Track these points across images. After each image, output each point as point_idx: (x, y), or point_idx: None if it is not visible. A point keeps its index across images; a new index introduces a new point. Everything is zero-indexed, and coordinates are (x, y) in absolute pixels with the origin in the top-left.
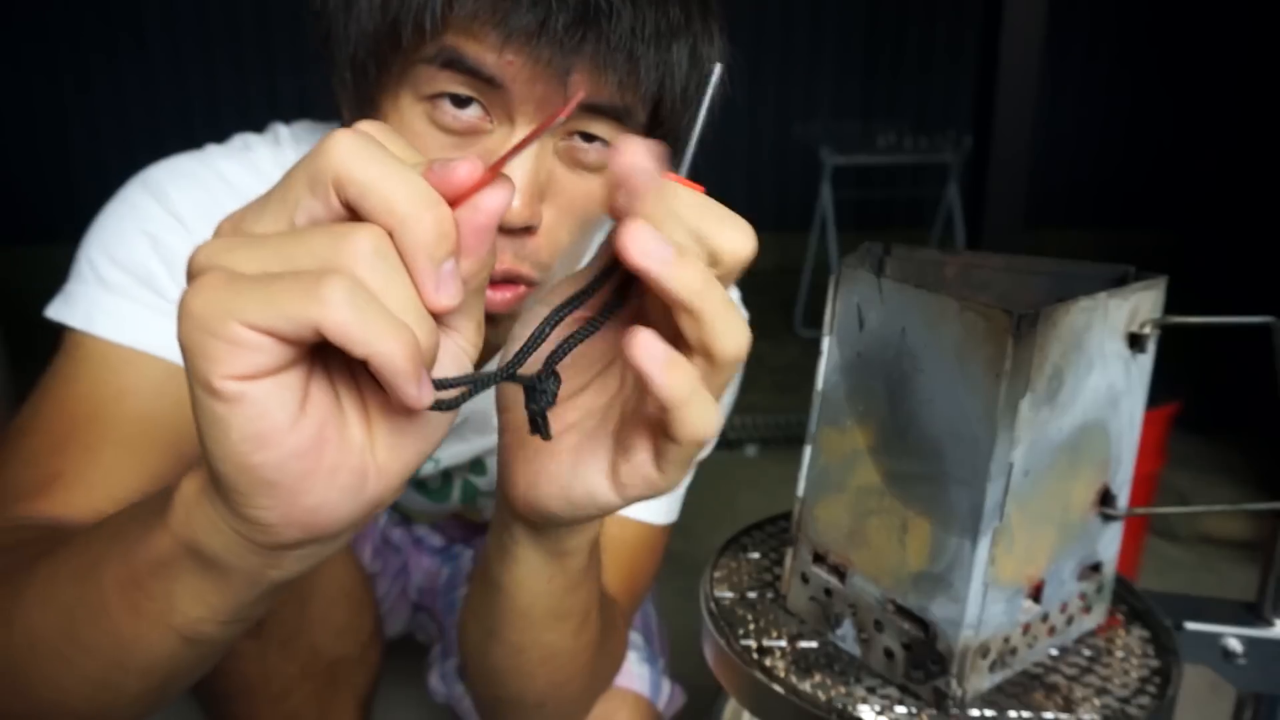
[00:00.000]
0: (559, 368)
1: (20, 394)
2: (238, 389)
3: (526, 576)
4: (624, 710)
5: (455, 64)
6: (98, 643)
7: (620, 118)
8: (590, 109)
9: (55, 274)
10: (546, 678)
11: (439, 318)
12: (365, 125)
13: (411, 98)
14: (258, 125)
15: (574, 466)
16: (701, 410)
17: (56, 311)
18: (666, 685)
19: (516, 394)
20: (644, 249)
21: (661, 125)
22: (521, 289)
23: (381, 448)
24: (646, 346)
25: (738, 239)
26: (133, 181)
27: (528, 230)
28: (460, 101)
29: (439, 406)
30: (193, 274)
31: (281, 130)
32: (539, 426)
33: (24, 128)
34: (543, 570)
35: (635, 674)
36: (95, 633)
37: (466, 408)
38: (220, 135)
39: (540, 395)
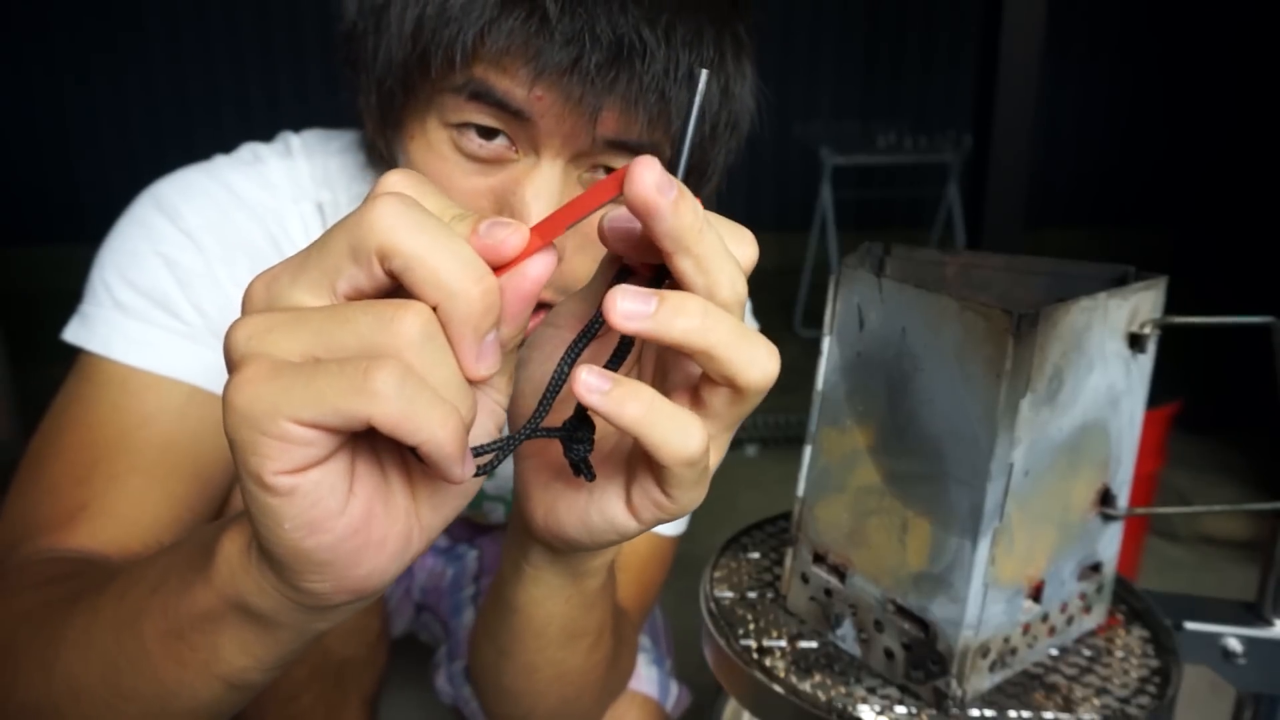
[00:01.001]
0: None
1: (21, 394)
2: (290, 483)
3: (544, 597)
4: (633, 712)
5: (483, 96)
6: (141, 691)
7: (646, 153)
8: (616, 145)
9: (55, 274)
10: (558, 694)
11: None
12: (402, 181)
13: (437, 123)
14: (258, 123)
15: (592, 493)
16: (670, 431)
17: (74, 335)
18: (674, 686)
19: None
20: (626, 312)
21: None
22: (542, 314)
23: (425, 509)
24: (583, 382)
25: (742, 251)
26: (143, 198)
27: None
28: (487, 131)
29: (478, 472)
30: (232, 358)
31: (292, 140)
32: (581, 470)
33: (24, 128)
34: (560, 591)
35: (644, 675)
36: (139, 681)
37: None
38: (220, 134)
39: (577, 445)
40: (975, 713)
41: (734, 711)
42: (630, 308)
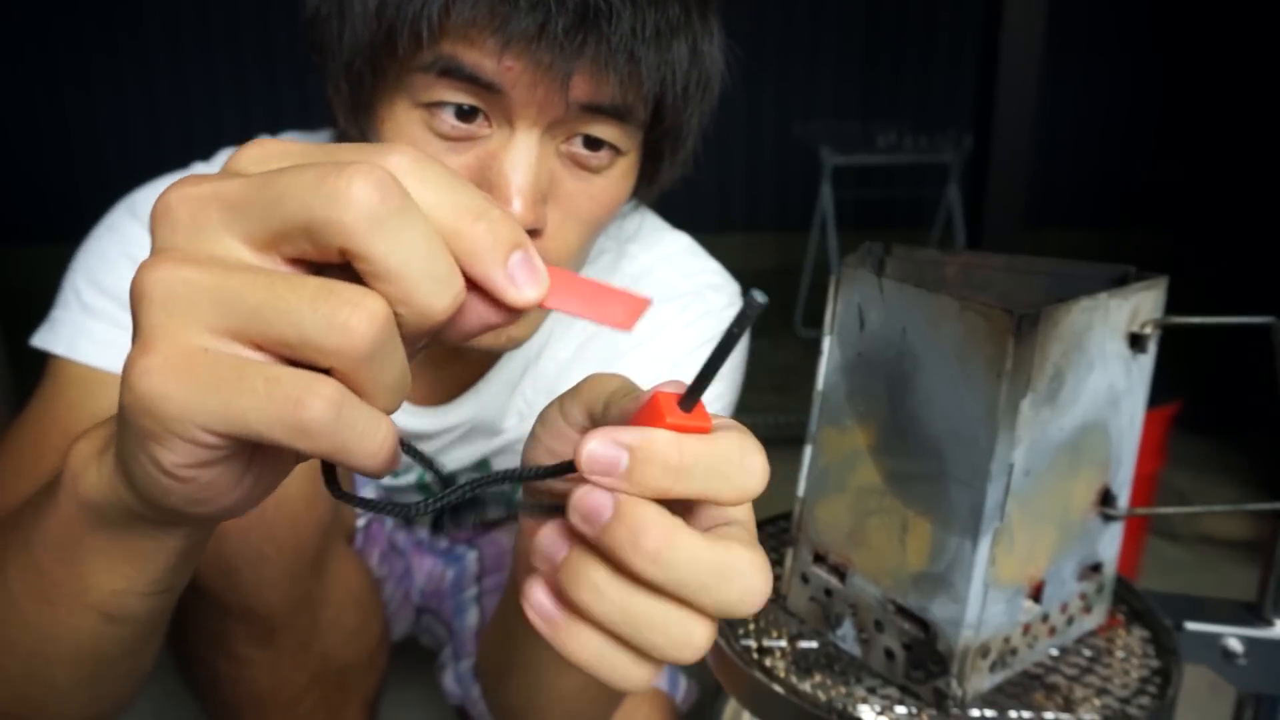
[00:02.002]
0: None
1: (20, 394)
2: (189, 475)
3: None
4: (645, 706)
5: (453, 72)
6: (15, 641)
7: (621, 117)
8: (591, 109)
9: (55, 274)
10: (560, 711)
11: None
12: (403, 161)
13: (408, 104)
14: (258, 123)
15: None
16: (614, 672)
17: (42, 340)
18: (682, 680)
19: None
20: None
21: (662, 122)
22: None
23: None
24: (534, 604)
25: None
26: (117, 206)
27: (533, 233)
28: (459, 111)
29: (420, 512)
30: (142, 322)
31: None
32: (440, 529)
33: (24, 128)
34: None
35: None
36: (10, 630)
37: (471, 413)
38: (220, 134)
39: (458, 513)
40: (975, 713)
41: (734, 711)
42: (589, 517)
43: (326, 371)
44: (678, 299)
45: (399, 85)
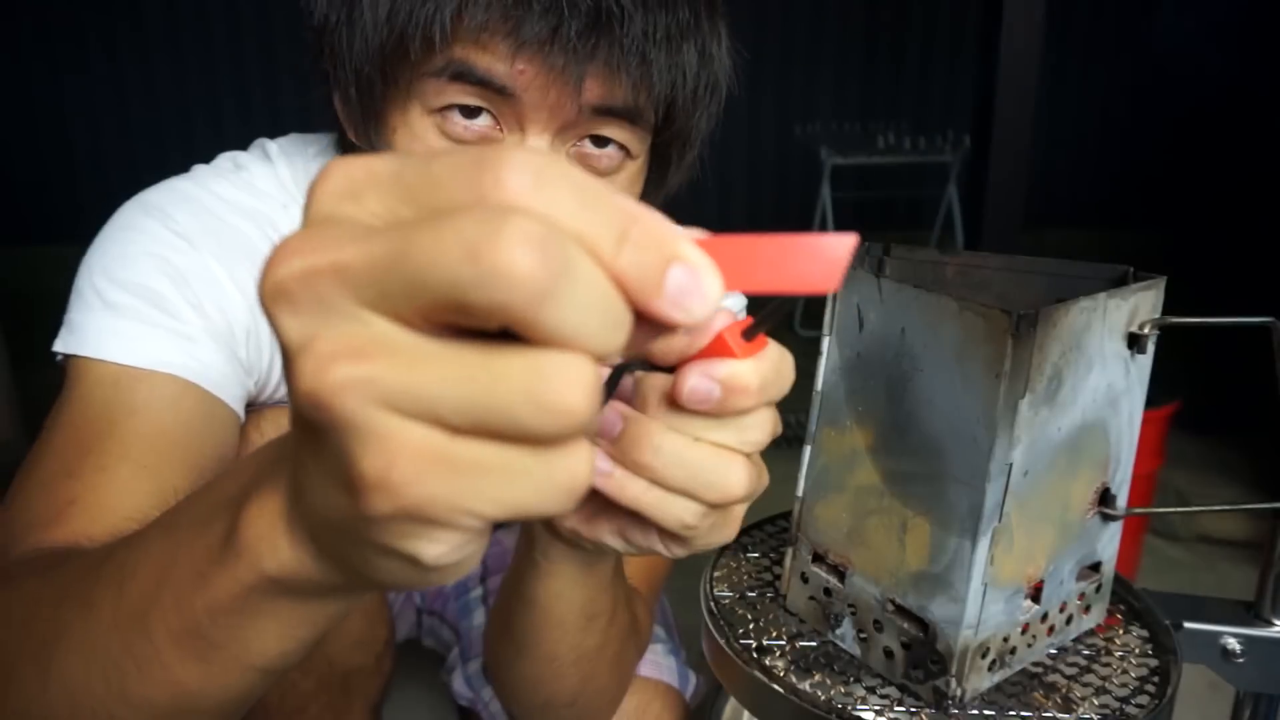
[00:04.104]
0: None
1: (21, 394)
2: (453, 560)
3: (563, 588)
4: (657, 702)
5: (465, 76)
6: (154, 696)
7: (632, 119)
8: (602, 111)
9: (55, 274)
10: (578, 675)
11: None
12: (522, 182)
13: (421, 111)
14: (258, 123)
15: (631, 515)
16: (663, 512)
17: (64, 344)
18: (691, 676)
19: None
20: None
21: (671, 125)
22: None
23: None
24: (595, 467)
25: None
26: (128, 206)
27: None
28: (470, 111)
29: None
30: (333, 396)
31: (270, 146)
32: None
33: (24, 128)
34: (578, 578)
35: (664, 666)
36: (151, 687)
37: None
38: (220, 133)
39: None
40: (974, 712)
41: (734, 711)
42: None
43: None
44: None
45: (410, 92)
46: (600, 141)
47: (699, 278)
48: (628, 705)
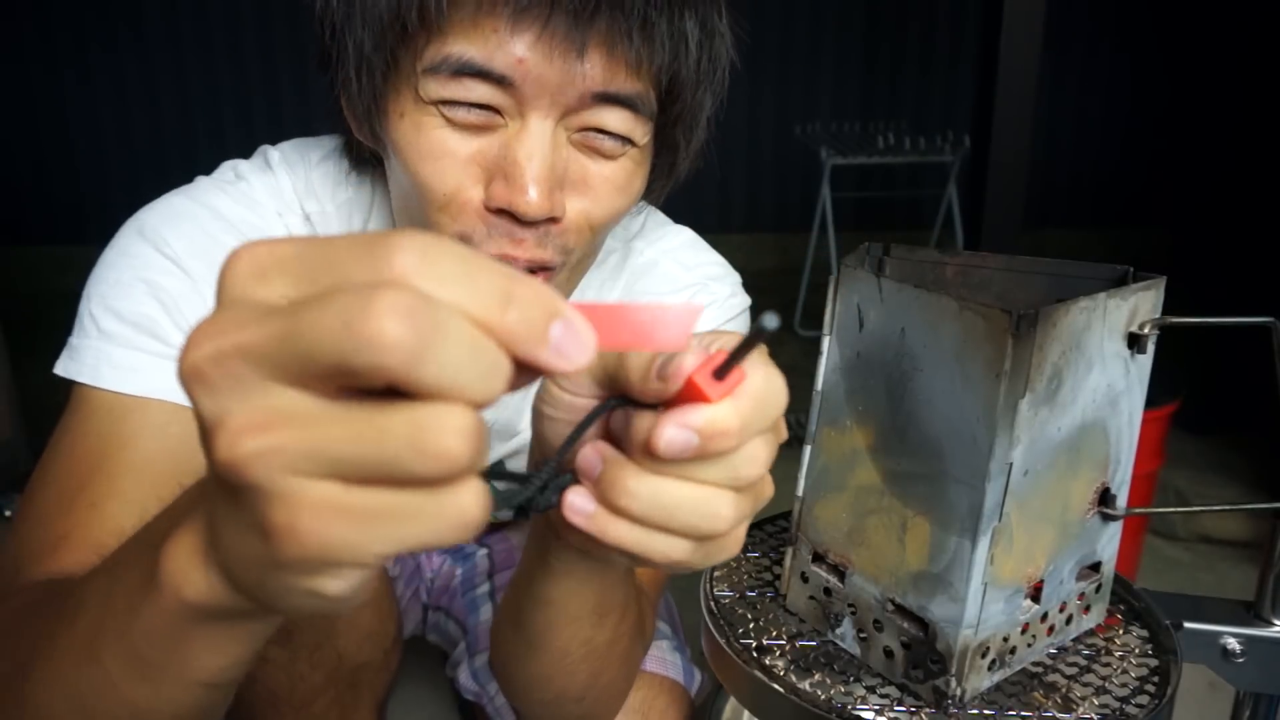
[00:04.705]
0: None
1: (21, 394)
2: (351, 594)
3: (577, 585)
4: (662, 697)
5: (464, 70)
6: (113, 713)
7: (634, 106)
8: (603, 98)
9: (56, 274)
10: (588, 671)
11: None
12: (409, 261)
13: (422, 103)
14: (259, 124)
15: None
16: (652, 550)
17: (64, 368)
18: (696, 672)
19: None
20: (573, 507)
21: (676, 102)
22: (545, 274)
23: None
24: (569, 504)
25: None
26: (127, 228)
27: (551, 220)
28: (474, 103)
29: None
30: (245, 465)
31: (271, 154)
32: (524, 513)
33: (25, 127)
34: (589, 578)
35: (669, 662)
36: (110, 705)
37: (490, 416)
38: (221, 134)
39: (538, 498)
40: (974, 712)
41: (734, 710)
42: (578, 506)
43: None
44: (682, 291)
45: (411, 84)
46: (602, 132)
47: (577, 331)
48: (633, 700)
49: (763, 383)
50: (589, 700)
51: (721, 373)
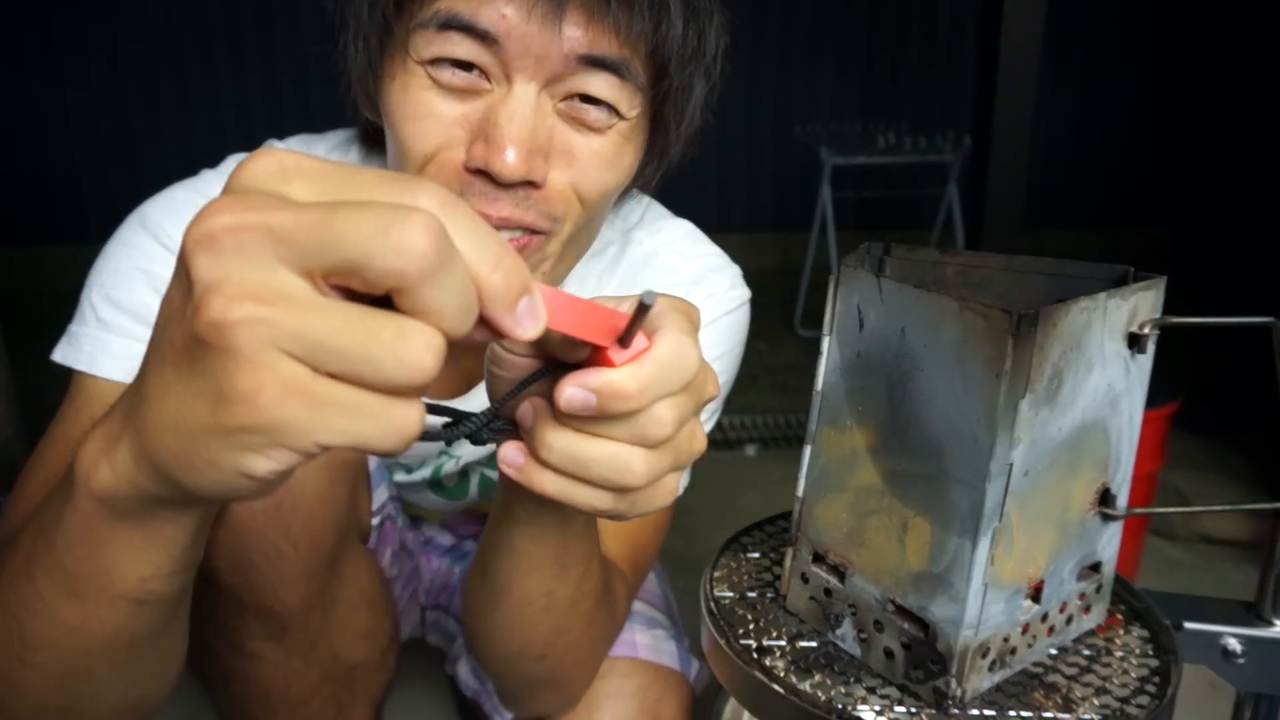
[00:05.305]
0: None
1: (21, 394)
2: (275, 479)
3: (540, 532)
4: (657, 685)
5: (451, 23)
6: (46, 635)
7: (619, 71)
8: (587, 60)
9: (55, 274)
10: (548, 627)
11: None
12: (432, 200)
13: (413, 63)
14: (258, 124)
15: None
16: (579, 498)
17: (62, 354)
18: (694, 661)
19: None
20: (506, 459)
21: (663, 79)
22: (530, 238)
23: None
24: (502, 455)
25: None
26: (130, 220)
27: (530, 184)
28: (461, 65)
29: (423, 437)
30: (247, 340)
31: (277, 147)
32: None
33: (25, 127)
34: (552, 526)
35: (664, 650)
36: (42, 624)
37: (483, 406)
38: (221, 135)
39: (479, 437)
40: (975, 712)
41: (734, 711)
42: (511, 458)
43: None
44: (681, 283)
45: (405, 45)
46: (589, 101)
47: (538, 308)
48: (627, 687)
49: (669, 351)
50: (550, 659)
51: (625, 340)
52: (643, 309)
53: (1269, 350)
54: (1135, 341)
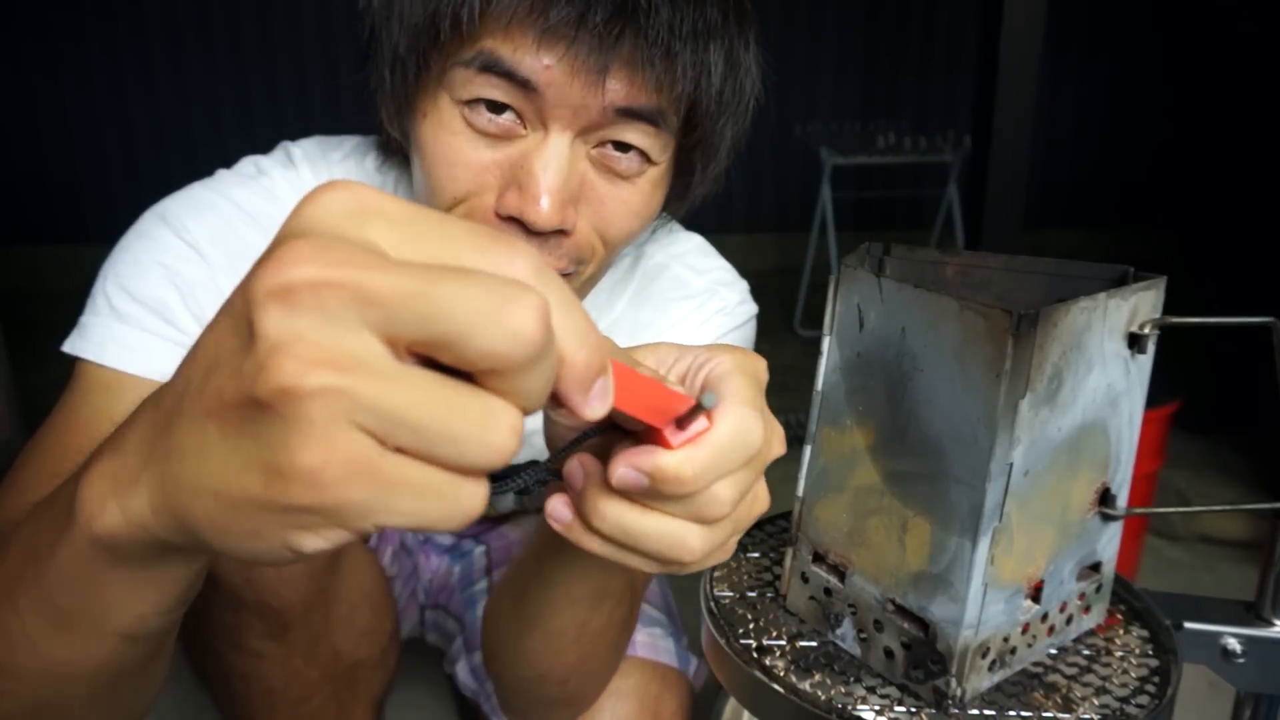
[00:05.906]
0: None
1: (21, 394)
2: (319, 555)
3: (583, 569)
4: (655, 683)
5: (492, 67)
6: (27, 666)
7: (655, 122)
8: (624, 113)
9: (56, 274)
10: (577, 654)
11: None
12: (526, 268)
13: (448, 100)
14: (258, 126)
15: None
16: (627, 560)
17: (72, 345)
18: (693, 659)
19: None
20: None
21: (696, 129)
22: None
23: None
24: (550, 509)
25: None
26: (148, 214)
27: (561, 233)
28: (496, 107)
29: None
30: (300, 388)
31: (293, 150)
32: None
33: (25, 128)
34: (596, 560)
35: (662, 648)
36: (23, 657)
37: None
38: (220, 136)
39: (528, 485)
40: (975, 712)
41: (734, 711)
42: (556, 512)
43: None
44: (692, 296)
45: (440, 82)
46: (621, 147)
47: (609, 390)
48: (624, 686)
49: (728, 432)
50: (572, 684)
51: (683, 422)
52: (698, 409)
53: (1269, 350)
54: (1135, 341)
